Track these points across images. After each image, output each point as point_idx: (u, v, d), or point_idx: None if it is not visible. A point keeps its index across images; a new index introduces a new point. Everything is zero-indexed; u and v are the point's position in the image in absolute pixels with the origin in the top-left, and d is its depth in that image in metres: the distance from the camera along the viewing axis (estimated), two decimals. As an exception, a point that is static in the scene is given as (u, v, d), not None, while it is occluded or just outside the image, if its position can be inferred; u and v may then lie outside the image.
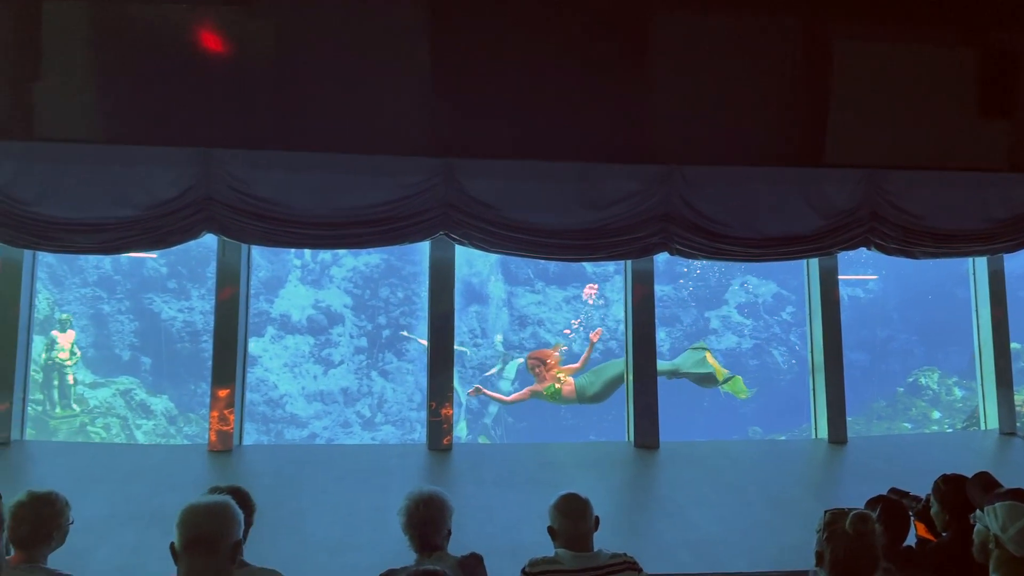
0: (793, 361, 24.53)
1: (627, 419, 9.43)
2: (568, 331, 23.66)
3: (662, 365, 12.54)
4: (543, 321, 24.20)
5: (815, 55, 9.28)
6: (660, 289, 9.18)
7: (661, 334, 16.03)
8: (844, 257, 9.74)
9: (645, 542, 6.76)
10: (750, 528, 7.17)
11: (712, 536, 7.01)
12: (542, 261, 21.17)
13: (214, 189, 8.29)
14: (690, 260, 11.49)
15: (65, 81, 8.48)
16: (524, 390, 13.54)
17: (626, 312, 9.70)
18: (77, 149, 8.36)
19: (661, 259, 9.62)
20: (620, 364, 13.05)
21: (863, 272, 25.51)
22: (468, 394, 18.06)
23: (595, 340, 13.17)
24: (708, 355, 12.98)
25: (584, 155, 8.82)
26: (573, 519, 4.10)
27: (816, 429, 9.72)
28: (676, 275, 24.38)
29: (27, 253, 8.90)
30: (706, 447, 9.59)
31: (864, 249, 9.42)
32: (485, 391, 14.34)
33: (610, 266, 23.65)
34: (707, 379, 12.86)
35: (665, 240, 8.85)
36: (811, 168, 9.13)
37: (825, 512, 3.59)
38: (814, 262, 9.78)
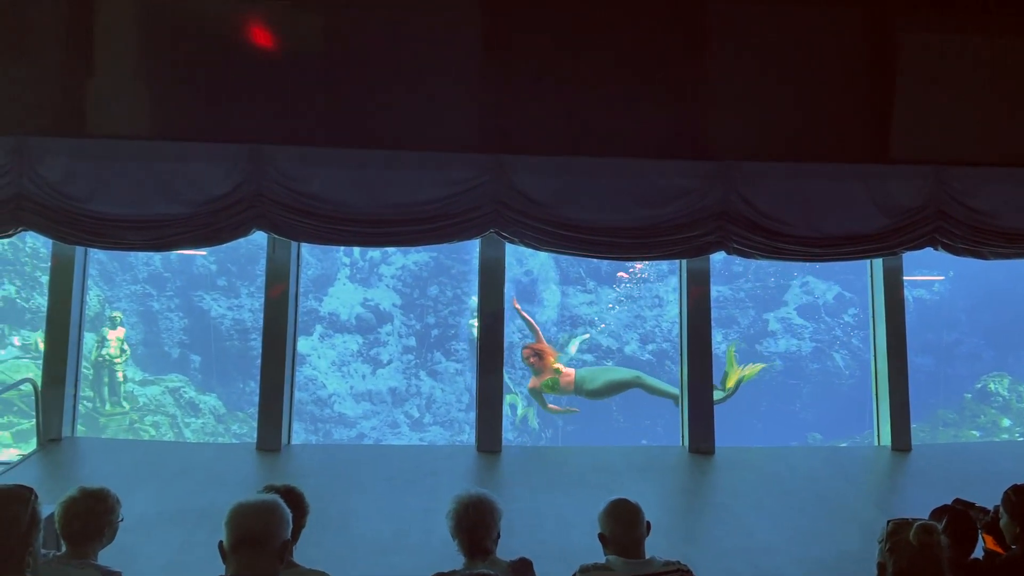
0: (855, 365, 24.15)
1: (681, 423, 9.38)
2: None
3: (669, 389, 12.48)
4: (594, 320, 24.13)
5: (879, 46, 9.16)
6: (716, 289, 9.06)
7: (717, 336, 15.88)
8: (909, 257, 9.56)
9: (699, 549, 6.70)
10: (808, 537, 7.08)
11: (769, 544, 6.94)
12: (594, 260, 21.17)
13: (264, 186, 8.41)
14: (748, 260, 11.36)
15: (117, 77, 8.69)
16: (533, 394, 13.36)
17: (681, 313, 9.63)
18: (129, 145, 8.53)
19: (717, 258, 9.54)
20: (626, 372, 12.93)
21: (929, 272, 25.01)
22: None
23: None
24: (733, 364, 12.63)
25: (639, 151, 8.80)
26: (624, 525, 4.08)
27: (879, 436, 9.56)
28: (733, 275, 24.16)
29: (79, 250, 9.12)
30: (763, 453, 9.50)
31: (930, 249, 9.23)
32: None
33: (664, 265, 23.50)
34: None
35: (722, 239, 8.78)
36: (875, 164, 9.00)
37: (888, 522, 3.54)
38: (878, 262, 9.62)
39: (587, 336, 22.15)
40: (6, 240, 14.69)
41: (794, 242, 8.87)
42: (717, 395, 12.28)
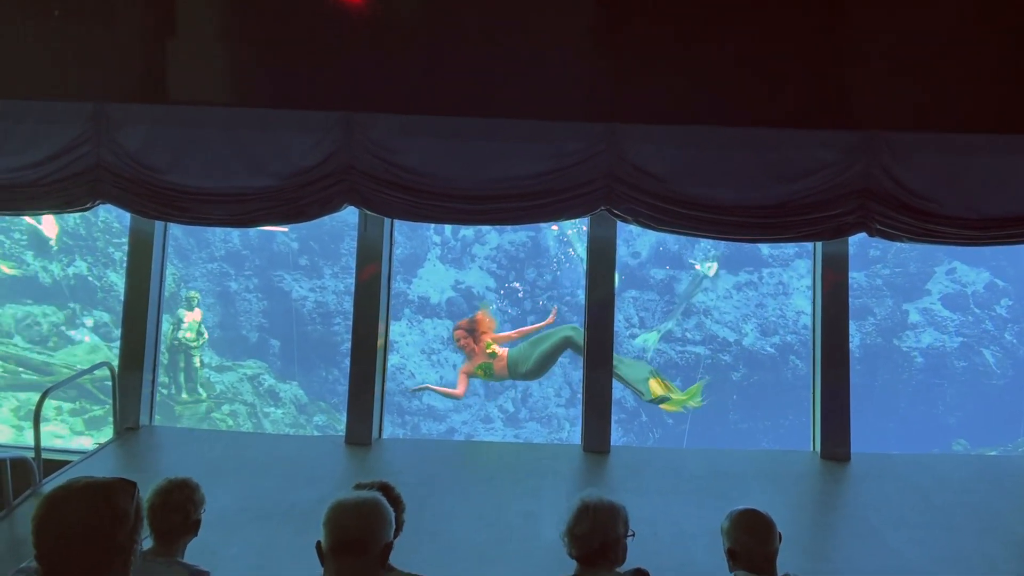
0: (1009, 363, 23.35)
1: (812, 426, 9.21)
2: None
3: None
4: (710, 310, 23.82)
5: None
6: (850, 276, 8.87)
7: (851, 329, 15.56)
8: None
9: (833, 568, 6.61)
10: (958, 556, 6.90)
11: (913, 564, 6.78)
12: (711, 241, 20.90)
13: (356, 157, 8.51)
14: (887, 243, 11.03)
15: (199, 40, 8.87)
16: (460, 375, 12.89)
17: (814, 303, 9.41)
18: (211, 113, 8.72)
19: (852, 241, 9.29)
20: (555, 335, 12.42)
21: (1097, 259, 24.00)
22: (411, 391, 17.31)
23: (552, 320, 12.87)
24: (655, 382, 12.28)
25: (770, 119, 8.63)
26: (757, 538, 4.03)
27: (1039, 444, 9.25)
28: (869, 259, 23.58)
29: (158, 225, 9.36)
30: (904, 461, 9.26)
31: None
32: (433, 388, 14.04)
33: (790, 248, 23.04)
34: (639, 395, 12.33)
35: (864, 219, 8.54)
36: (1043, 136, 8.65)
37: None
38: (1042, 247, 9.26)
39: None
40: (77, 214, 15.24)
41: (946, 223, 8.58)
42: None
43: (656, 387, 11.74)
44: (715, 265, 20.62)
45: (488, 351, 12.30)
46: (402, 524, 4.27)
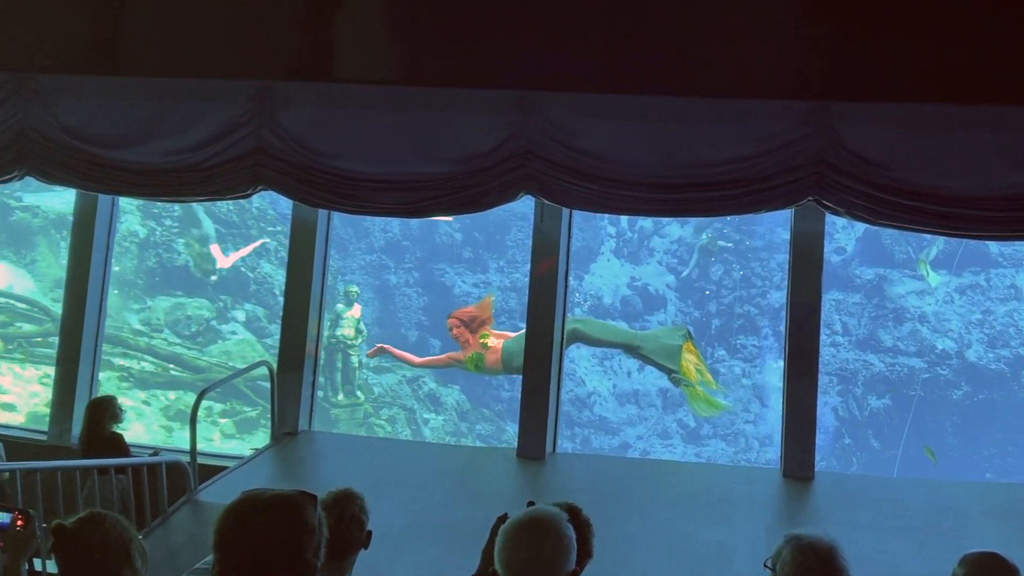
0: None
1: (1055, 455, 8.77)
2: None
3: (622, 334, 13.26)
4: (926, 316, 22.90)
5: None
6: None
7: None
8: None
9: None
10: None
11: None
12: (929, 236, 20.11)
13: (534, 141, 8.54)
14: None
15: (367, 13, 9.01)
16: (444, 355, 13.41)
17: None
18: (381, 92, 8.89)
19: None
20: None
21: None
22: (367, 355, 17.59)
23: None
24: (688, 347, 12.19)
25: (1008, 96, 8.20)
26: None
27: None
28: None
29: (321, 214, 9.59)
30: None
31: None
32: (391, 350, 14.41)
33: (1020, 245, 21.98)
34: (671, 375, 12.01)
35: (1125, 211, 8.05)
36: None
37: None
38: None
39: None
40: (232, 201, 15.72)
41: None
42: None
43: (690, 362, 11.83)
44: None
45: (482, 341, 12.71)
46: (592, 550, 4.23)
